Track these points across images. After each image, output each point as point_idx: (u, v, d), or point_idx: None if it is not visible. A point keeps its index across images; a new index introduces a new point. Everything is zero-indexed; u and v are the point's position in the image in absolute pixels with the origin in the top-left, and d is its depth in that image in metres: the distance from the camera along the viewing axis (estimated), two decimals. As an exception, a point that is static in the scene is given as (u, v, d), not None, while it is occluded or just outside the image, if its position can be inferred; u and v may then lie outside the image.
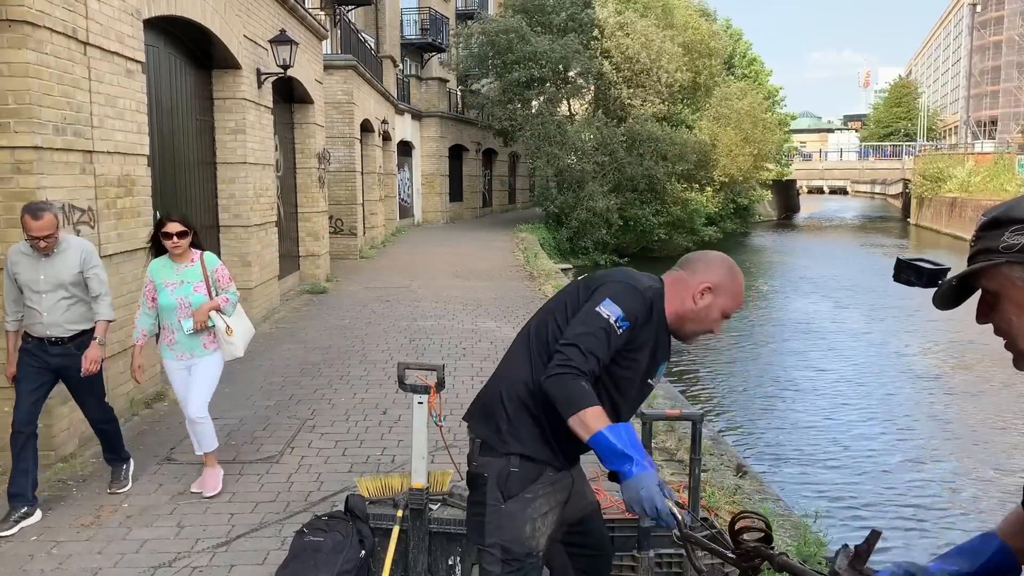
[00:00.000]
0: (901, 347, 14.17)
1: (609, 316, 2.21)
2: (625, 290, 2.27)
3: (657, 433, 5.72)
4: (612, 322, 2.20)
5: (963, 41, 70.93)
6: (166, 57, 8.00)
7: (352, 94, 17.50)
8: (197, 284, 4.62)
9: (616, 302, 2.23)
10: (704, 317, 2.34)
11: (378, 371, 7.67)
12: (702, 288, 2.32)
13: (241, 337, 4.76)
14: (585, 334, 2.19)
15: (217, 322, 4.61)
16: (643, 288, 2.30)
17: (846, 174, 63.46)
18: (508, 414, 2.34)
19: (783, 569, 1.73)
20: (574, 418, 2.11)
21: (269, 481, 4.92)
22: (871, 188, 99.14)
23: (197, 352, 4.66)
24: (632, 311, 2.23)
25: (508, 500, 2.30)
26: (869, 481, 7.86)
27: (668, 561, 3.42)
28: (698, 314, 2.33)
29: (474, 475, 2.38)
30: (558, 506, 2.38)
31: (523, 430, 2.32)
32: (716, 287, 2.32)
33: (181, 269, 4.65)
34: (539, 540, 2.32)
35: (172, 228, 4.56)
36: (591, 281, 2.37)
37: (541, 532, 2.32)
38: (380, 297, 12.37)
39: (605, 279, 2.34)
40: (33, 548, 4.01)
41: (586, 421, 2.09)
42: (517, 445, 2.32)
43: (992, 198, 36.40)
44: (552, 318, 2.37)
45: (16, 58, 4.79)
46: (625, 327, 2.21)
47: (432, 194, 29.90)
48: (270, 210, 10.62)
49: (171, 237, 4.56)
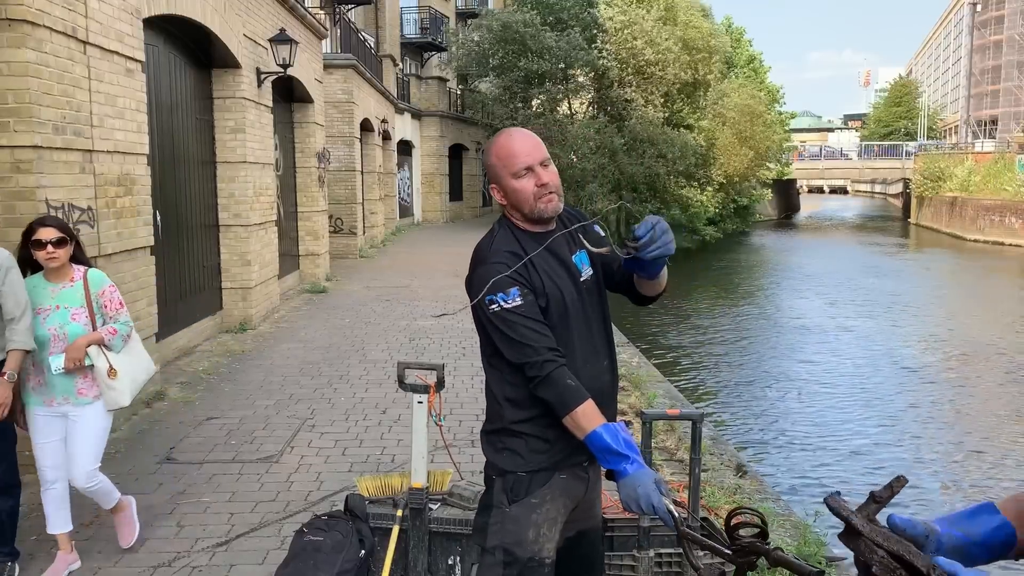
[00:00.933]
0: (902, 345, 14.17)
1: (495, 307, 2.15)
2: (481, 277, 2.19)
3: (657, 433, 5.72)
4: (501, 306, 2.14)
5: (963, 40, 70.88)
6: (166, 56, 7.99)
7: (352, 93, 17.50)
8: (76, 310, 3.58)
9: (487, 292, 2.16)
10: (516, 197, 2.22)
11: (378, 370, 7.67)
12: (492, 190, 2.30)
13: (130, 381, 3.69)
14: (512, 341, 2.14)
15: (97, 361, 3.55)
16: (484, 255, 2.23)
17: (846, 173, 63.43)
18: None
19: (778, 564, 1.73)
20: (567, 418, 2.10)
21: (269, 480, 4.91)
22: (871, 188, 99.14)
23: (73, 399, 3.59)
24: (502, 280, 2.16)
25: (513, 504, 2.26)
26: (871, 479, 7.85)
27: (668, 561, 3.42)
28: (514, 203, 2.24)
29: (486, 475, 2.37)
30: (565, 511, 2.33)
31: (512, 442, 2.30)
32: (493, 179, 2.27)
33: (57, 291, 3.60)
34: (543, 546, 2.27)
35: (46, 235, 3.51)
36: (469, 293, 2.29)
37: (546, 538, 2.27)
38: (380, 296, 12.37)
39: (469, 287, 2.26)
40: (33, 548, 4.01)
41: (579, 421, 2.07)
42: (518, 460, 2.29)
43: (992, 198, 36.45)
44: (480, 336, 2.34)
45: (16, 57, 4.79)
46: (515, 293, 2.14)
47: (432, 193, 29.90)
48: (270, 209, 10.61)
49: (44, 246, 3.51)
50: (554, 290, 2.22)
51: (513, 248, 2.23)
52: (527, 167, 2.20)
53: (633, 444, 2.04)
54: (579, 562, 2.45)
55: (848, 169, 60.80)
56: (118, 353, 3.65)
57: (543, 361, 2.11)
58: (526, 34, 25.80)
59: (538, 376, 2.12)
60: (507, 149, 2.22)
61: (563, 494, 2.30)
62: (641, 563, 3.32)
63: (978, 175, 39.68)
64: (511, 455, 2.27)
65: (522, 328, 2.14)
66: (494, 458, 2.31)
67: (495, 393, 2.31)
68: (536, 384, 2.14)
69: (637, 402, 6.63)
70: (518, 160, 2.20)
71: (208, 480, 4.90)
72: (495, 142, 2.27)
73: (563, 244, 2.31)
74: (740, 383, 11.84)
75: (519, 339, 2.14)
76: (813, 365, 12.85)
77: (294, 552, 3.36)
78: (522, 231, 2.27)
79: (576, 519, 2.39)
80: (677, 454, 5.49)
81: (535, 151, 2.21)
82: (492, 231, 2.32)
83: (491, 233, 2.31)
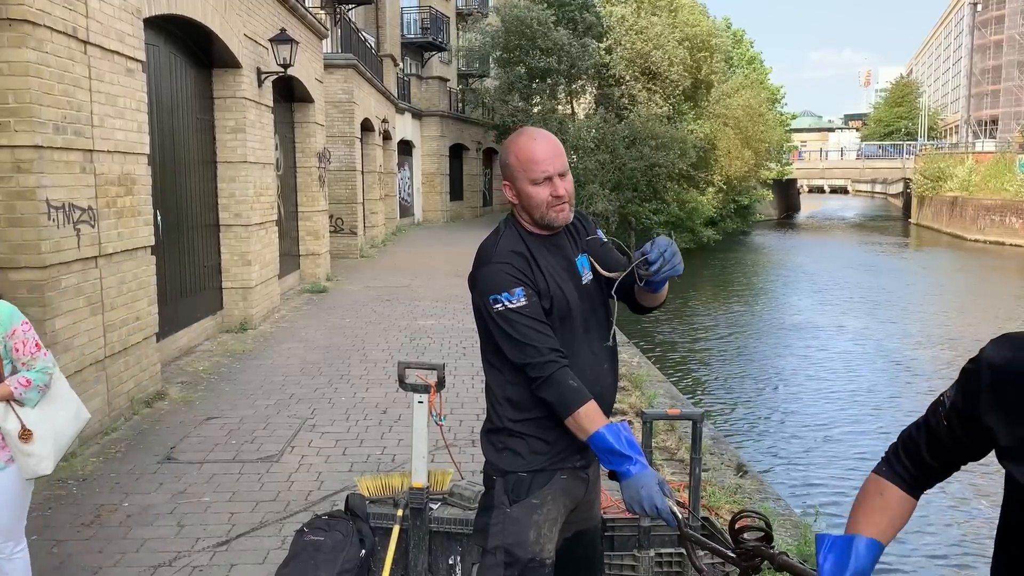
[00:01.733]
0: (902, 344, 14.17)
1: (504, 306, 2.15)
2: (485, 276, 2.20)
3: (657, 433, 5.72)
4: (505, 306, 2.14)
5: (964, 40, 70.83)
6: (166, 56, 8.00)
7: (352, 93, 17.50)
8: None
9: (491, 292, 2.16)
10: (529, 202, 2.20)
11: (378, 370, 7.67)
12: (504, 188, 2.27)
13: (52, 442, 2.93)
14: (515, 341, 2.14)
15: (5, 423, 2.85)
16: (489, 255, 2.22)
17: (847, 173, 63.45)
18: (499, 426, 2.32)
19: (783, 568, 1.73)
20: (569, 419, 2.10)
21: (269, 480, 4.91)
22: (872, 187, 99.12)
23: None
24: (502, 282, 2.16)
25: (514, 504, 2.26)
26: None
27: (668, 561, 3.42)
28: (524, 206, 2.23)
29: (485, 476, 2.36)
30: (566, 511, 2.33)
31: (512, 442, 2.30)
32: (507, 177, 2.24)
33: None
34: (544, 546, 2.26)
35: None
36: (472, 291, 2.29)
37: (547, 538, 2.27)
38: (380, 296, 12.37)
39: (472, 286, 2.26)
40: (33, 548, 4.00)
41: (581, 422, 2.07)
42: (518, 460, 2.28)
43: (993, 198, 36.44)
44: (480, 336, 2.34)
45: (16, 57, 4.79)
46: (519, 293, 2.15)
47: (432, 193, 29.90)
48: (270, 209, 10.62)
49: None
50: (557, 292, 2.22)
51: (519, 249, 2.23)
52: (547, 176, 2.18)
53: (636, 445, 2.04)
54: (576, 563, 2.44)
55: (848, 169, 60.82)
56: (34, 408, 2.91)
57: (545, 362, 2.11)
58: (537, 31, 25.77)
59: (540, 377, 2.12)
60: (529, 153, 2.19)
61: (564, 494, 2.29)
62: (641, 563, 3.32)
63: (978, 175, 39.69)
64: (512, 455, 2.27)
65: (525, 328, 2.14)
66: (494, 458, 2.31)
67: (495, 393, 2.31)
68: (538, 385, 2.13)
69: (637, 402, 6.63)
70: (538, 167, 2.18)
71: (208, 480, 4.90)
72: (517, 142, 2.23)
73: (567, 246, 2.31)
74: (740, 382, 11.84)
75: (522, 339, 2.14)
76: (813, 364, 12.85)
77: (294, 552, 3.36)
78: (529, 233, 2.27)
79: (575, 520, 2.38)
80: (677, 454, 5.49)
81: (556, 160, 2.19)
82: (497, 230, 2.32)
83: (496, 232, 2.31)
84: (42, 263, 4.95)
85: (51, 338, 4.96)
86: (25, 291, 4.88)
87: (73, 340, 5.29)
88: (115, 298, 5.92)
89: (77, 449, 5.30)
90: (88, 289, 5.53)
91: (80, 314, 5.40)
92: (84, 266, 5.49)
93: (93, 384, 5.55)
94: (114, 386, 5.85)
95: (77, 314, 5.36)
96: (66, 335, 5.19)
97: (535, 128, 2.28)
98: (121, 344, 5.95)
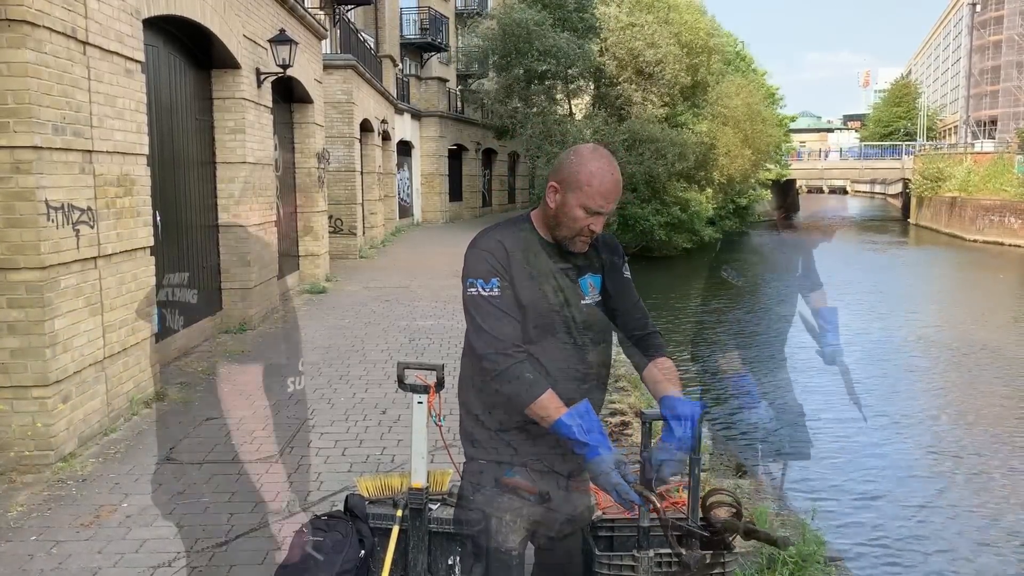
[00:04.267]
0: (901, 343, 14.16)
1: (473, 290, 2.19)
2: (468, 258, 2.25)
3: (657, 433, 5.71)
4: (478, 292, 2.18)
5: (963, 41, 70.85)
6: (165, 57, 7.99)
7: (351, 94, 17.50)
8: None
9: (469, 275, 2.21)
10: (565, 217, 2.19)
11: (378, 371, 7.67)
12: (550, 188, 2.23)
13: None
14: (479, 328, 2.18)
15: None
16: (480, 241, 2.25)
17: (846, 174, 63.43)
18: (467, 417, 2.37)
19: (750, 535, 1.76)
20: (528, 411, 2.12)
21: (269, 481, 4.91)
22: (871, 188, 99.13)
23: None
24: (481, 268, 2.19)
25: (477, 492, 2.30)
26: (869, 478, 7.85)
27: (668, 561, 3.42)
28: (557, 216, 2.21)
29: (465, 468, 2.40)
30: (535, 505, 2.31)
31: (477, 431, 2.31)
32: (563, 183, 2.19)
33: None
34: (507, 536, 2.26)
35: None
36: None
37: (509, 528, 2.27)
38: (380, 297, 12.37)
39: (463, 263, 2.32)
40: (33, 548, 4.00)
41: (539, 412, 2.09)
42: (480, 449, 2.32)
43: (992, 198, 36.46)
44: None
45: (15, 58, 4.79)
46: (494, 283, 2.17)
47: (432, 194, 29.89)
48: (269, 210, 10.61)
49: None
50: (539, 302, 2.21)
51: (508, 242, 2.23)
52: (598, 211, 2.19)
53: (596, 427, 2.03)
54: (555, 570, 2.45)
55: (848, 169, 60.82)
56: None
57: (502, 355, 2.12)
58: (534, 33, 25.75)
59: (496, 369, 2.13)
60: (600, 182, 2.17)
61: (532, 486, 2.31)
62: (641, 563, 3.32)
63: (977, 175, 39.71)
64: (477, 444, 2.30)
65: (491, 318, 2.15)
66: (464, 447, 2.37)
67: (467, 381, 2.34)
68: (494, 377, 2.14)
69: (637, 402, 6.63)
70: (598, 200, 2.17)
71: (208, 480, 4.90)
72: (595, 161, 2.18)
73: (571, 264, 2.29)
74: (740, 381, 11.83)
75: (486, 328, 2.16)
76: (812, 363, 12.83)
77: (294, 552, 3.36)
78: (538, 236, 2.27)
79: (551, 519, 2.36)
80: (677, 454, 5.47)
81: (612, 198, 2.20)
82: (507, 221, 2.33)
83: (509, 220, 2.33)
84: (41, 264, 4.94)
85: (51, 339, 4.96)
86: (24, 292, 4.87)
87: (72, 341, 5.28)
88: (114, 299, 5.92)
89: (76, 449, 5.31)
90: (87, 290, 5.52)
91: (79, 315, 5.39)
92: (83, 267, 5.48)
93: (92, 384, 5.55)
94: (113, 386, 5.85)
95: (76, 315, 5.35)
96: (65, 336, 5.18)
97: (613, 160, 2.24)
98: (120, 345, 5.95)
